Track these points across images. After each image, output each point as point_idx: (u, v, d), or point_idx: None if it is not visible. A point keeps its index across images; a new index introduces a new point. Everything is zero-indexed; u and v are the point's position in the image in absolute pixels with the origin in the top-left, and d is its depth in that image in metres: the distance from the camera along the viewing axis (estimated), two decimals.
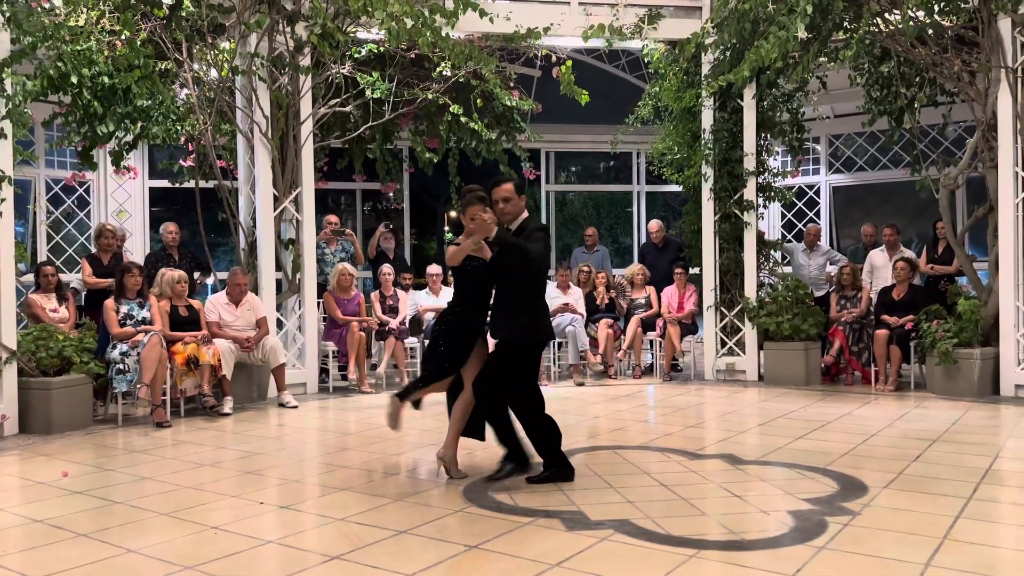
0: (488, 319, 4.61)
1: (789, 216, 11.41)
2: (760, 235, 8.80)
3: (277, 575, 3.18)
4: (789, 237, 11.13)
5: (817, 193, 11.36)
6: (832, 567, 3.14)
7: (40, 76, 6.20)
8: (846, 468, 4.70)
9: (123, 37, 6.72)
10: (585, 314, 9.00)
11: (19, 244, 6.45)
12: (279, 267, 7.94)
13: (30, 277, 7.71)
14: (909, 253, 8.73)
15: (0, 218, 5.98)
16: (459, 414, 4.64)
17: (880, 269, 8.79)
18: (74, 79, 6.26)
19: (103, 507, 4.17)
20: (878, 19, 7.37)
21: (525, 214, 4.57)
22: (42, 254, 9.41)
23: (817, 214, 11.28)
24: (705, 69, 8.55)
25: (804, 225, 10.82)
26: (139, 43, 6.75)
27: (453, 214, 24.39)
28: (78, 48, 6.34)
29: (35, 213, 9.61)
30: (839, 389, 7.93)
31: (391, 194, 10.89)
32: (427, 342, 4.73)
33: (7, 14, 5.86)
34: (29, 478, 4.87)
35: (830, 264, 9.43)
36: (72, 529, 3.78)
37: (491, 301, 4.57)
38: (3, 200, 5.98)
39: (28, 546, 3.60)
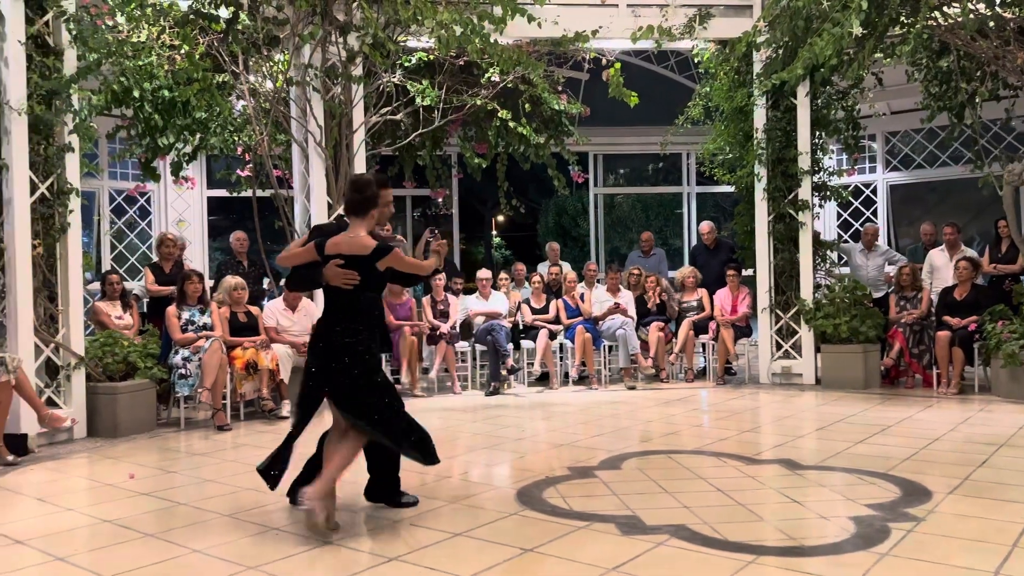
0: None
1: (845, 216, 11.18)
2: (816, 235, 8.63)
3: (339, 573, 3.23)
4: (845, 237, 10.91)
5: (874, 192, 11.11)
6: (897, 574, 3.07)
7: (104, 91, 6.42)
8: (908, 473, 4.59)
9: (182, 51, 6.92)
10: (636, 317, 8.95)
11: (86, 254, 6.67)
12: None
13: (96, 285, 7.98)
14: (971, 252, 8.48)
15: (69, 229, 6.20)
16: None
17: (941, 269, 8.55)
18: (136, 93, 6.47)
19: (168, 508, 4.30)
20: (936, 13, 7.17)
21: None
22: (106, 263, 9.74)
23: (874, 213, 11.04)
24: (757, 68, 8.44)
25: (861, 225, 10.58)
26: (197, 57, 6.95)
27: (501, 218, 24.58)
28: (140, 63, 6.56)
29: (99, 223, 9.95)
30: (899, 392, 7.74)
31: (440, 200, 11.00)
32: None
33: (74, 32, 6.09)
34: (98, 480, 5.04)
35: (889, 264, 9.20)
36: (139, 529, 3.90)
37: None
38: (72, 211, 6.20)
39: (98, 545, 3.73)
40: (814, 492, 4.34)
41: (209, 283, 8.42)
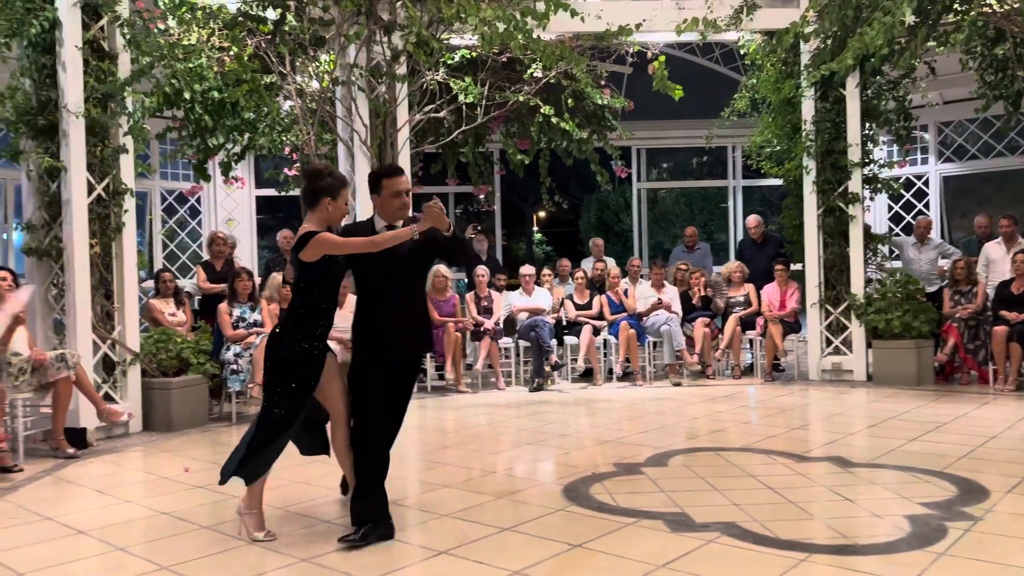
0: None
1: (896, 208, 10.93)
2: (867, 229, 8.46)
3: (388, 568, 3.27)
4: (897, 230, 10.67)
5: (926, 183, 10.84)
6: (954, 573, 3.00)
7: (156, 93, 6.57)
8: (964, 471, 4.47)
9: (231, 53, 7.05)
10: (681, 313, 8.87)
11: (140, 253, 6.85)
12: None
13: (149, 283, 8.19)
14: None
15: (124, 228, 6.37)
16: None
17: (997, 262, 8.31)
18: (187, 95, 6.61)
19: (221, 501, 4.38)
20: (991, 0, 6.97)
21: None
22: (158, 262, 9.97)
23: (927, 206, 10.77)
24: (805, 58, 8.29)
25: (913, 217, 10.34)
26: (246, 58, 7.08)
27: (542, 214, 24.55)
28: (190, 65, 6.70)
29: (151, 223, 10.20)
30: (954, 389, 7.55)
31: (483, 196, 11.03)
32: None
33: (128, 36, 6.25)
34: (154, 473, 5.18)
35: (942, 258, 8.98)
36: (195, 522, 4.00)
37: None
38: (127, 211, 6.37)
39: (155, 537, 3.83)
40: (866, 490, 4.26)
41: (257, 280, 8.58)
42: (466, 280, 9.86)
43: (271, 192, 10.32)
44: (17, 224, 6.81)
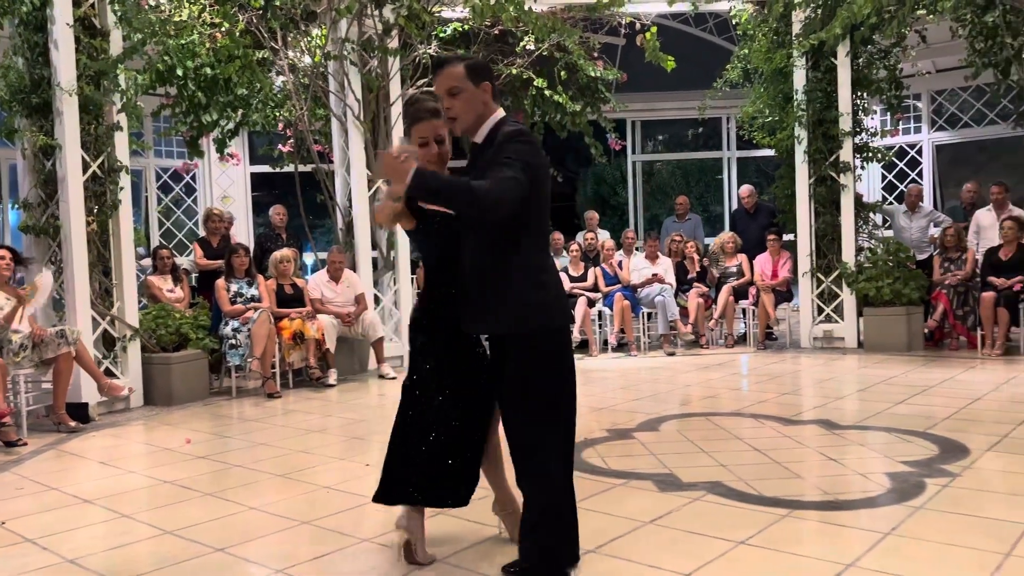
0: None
1: (890, 177, 10.98)
2: (858, 197, 8.52)
3: (387, 528, 3.38)
4: (890, 199, 10.73)
5: (919, 152, 10.88)
6: (930, 526, 3.11)
7: (149, 70, 6.59)
8: (948, 432, 4.59)
9: (223, 29, 7.05)
10: (675, 284, 8.96)
11: (137, 230, 6.90)
12: (375, 245, 8.22)
13: (147, 261, 8.25)
14: (1019, 212, 8.29)
15: (120, 206, 6.42)
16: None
17: (987, 229, 8.37)
18: (180, 71, 6.62)
19: (223, 470, 4.50)
20: None
21: (499, 114, 2.74)
22: (154, 239, 10.03)
23: (920, 174, 10.82)
24: (796, 28, 8.31)
25: (906, 187, 10.40)
26: (238, 34, 7.08)
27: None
28: (182, 42, 6.69)
29: (147, 200, 10.24)
30: (943, 355, 7.65)
31: None
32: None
33: (119, 13, 6.26)
34: (156, 444, 5.28)
35: (934, 226, 9.05)
36: (197, 489, 4.11)
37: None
38: (122, 189, 6.42)
39: (159, 504, 3.94)
40: (851, 451, 4.37)
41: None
42: None
43: (266, 168, 10.35)
44: (13, 203, 6.87)
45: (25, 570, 3.07)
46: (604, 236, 9.84)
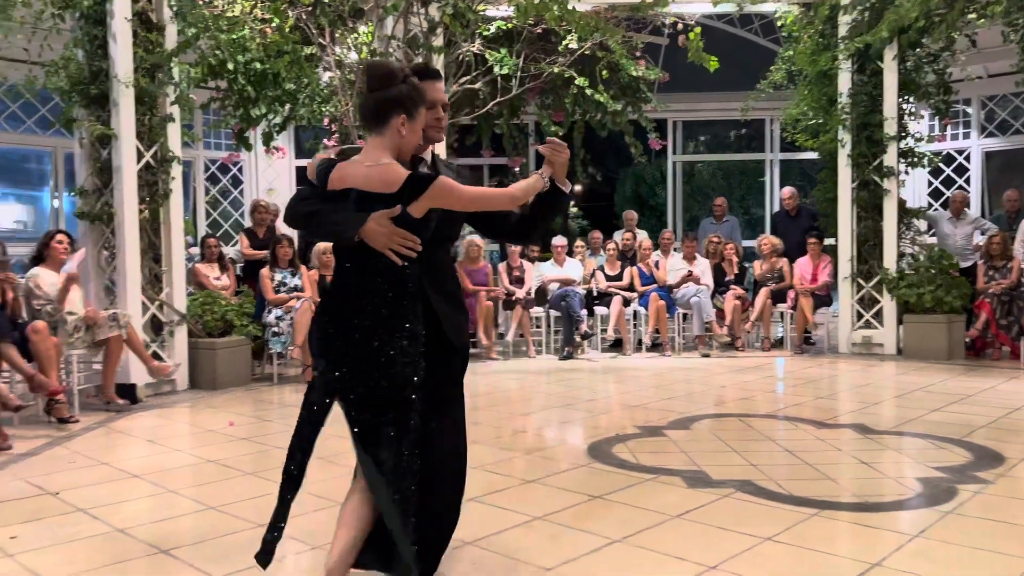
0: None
1: (936, 183, 10.80)
2: (901, 203, 8.43)
3: None
4: (936, 205, 10.56)
5: (967, 158, 10.69)
6: (959, 531, 3.11)
7: (201, 64, 6.79)
8: (984, 440, 4.55)
9: (273, 25, 7.23)
10: (712, 285, 8.95)
11: (186, 219, 7.11)
12: None
13: (195, 249, 8.48)
14: None
15: (171, 195, 6.63)
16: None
17: None
18: (231, 66, 6.82)
19: (264, 451, 4.64)
20: None
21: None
22: (201, 229, 10.28)
23: (967, 181, 10.63)
24: (842, 30, 8.24)
25: (952, 192, 10.23)
26: (287, 30, 7.26)
27: (578, 188, 24.49)
28: (234, 37, 6.90)
29: (195, 191, 10.51)
30: (984, 364, 7.54)
31: (517, 169, 11.13)
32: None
33: (175, 8, 6.47)
34: (200, 426, 5.46)
35: (980, 233, 8.90)
36: (239, 468, 4.25)
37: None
38: (174, 179, 6.62)
39: (203, 481, 4.09)
40: (885, 455, 4.36)
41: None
42: (498, 250, 10.01)
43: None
44: (69, 190, 7.12)
45: (78, 537, 3.23)
46: (642, 236, 9.86)
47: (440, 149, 8.25)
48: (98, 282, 6.55)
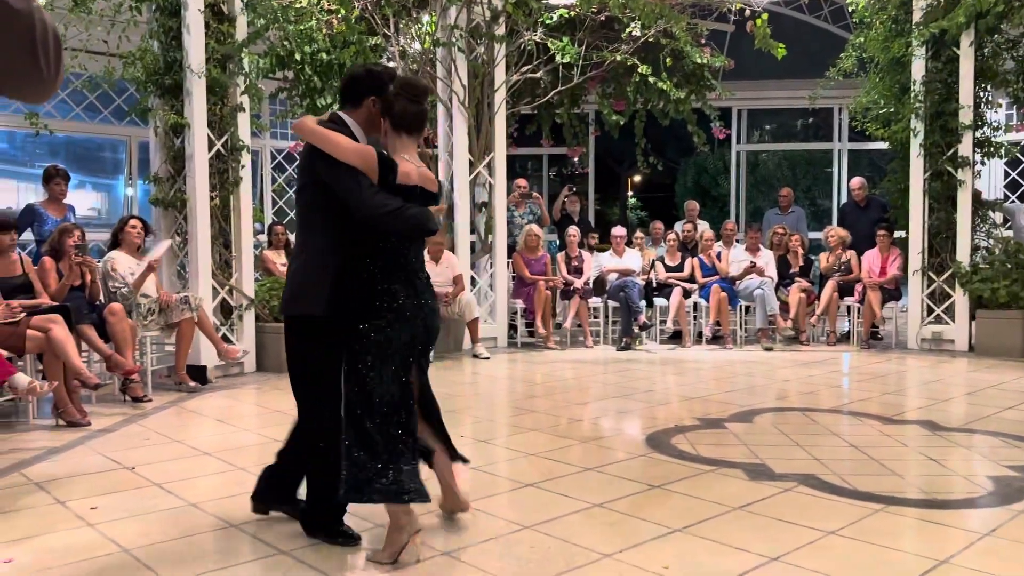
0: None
1: (1014, 175, 10.40)
2: (976, 194, 8.14)
3: (480, 495, 3.53)
4: (1013, 198, 10.17)
5: None
6: None
7: (270, 54, 6.95)
8: None
9: (340, 15, 7.35)
10: (776, 277, 8.78)
11: (255, 207, 7.30)
12: (473, 229, 8.41)
13: (263, 236, 8.71)
14: None
15: (241, 183, 6.82)
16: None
17: None
18: (298, 56, 6.95)
19: None
20: None
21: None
22: (268, 216, 10.54)
23: None
24: (916, 16, 7.97)
25: None
26: (353, 20, 7.37)
27: (637, 179, 24.28)
28: (301, 28, 7.03)
29: (262, 179, 10.77)
30: None
31: (576, 158, 11.11)
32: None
33: (245, 0, 6.62)
34: (267, 407, 5.62)
35: None
36: None
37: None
38: (243, 167, 6.81)
39: (269, 460, 4.20)
40: (953, 452, 4.24)
41: None
42: (558, 240, 10.01)
43: None
44: (144, 178, 7.38)
45: (155, 510, 3.38)
46: (704, 227, 9.73)
47: (500, 138, 8.30)
48: (171, 267, 6.78)
